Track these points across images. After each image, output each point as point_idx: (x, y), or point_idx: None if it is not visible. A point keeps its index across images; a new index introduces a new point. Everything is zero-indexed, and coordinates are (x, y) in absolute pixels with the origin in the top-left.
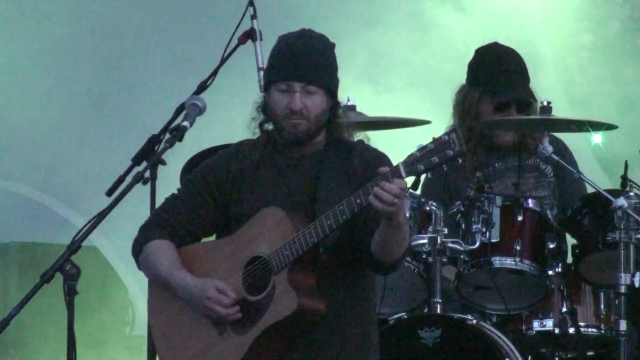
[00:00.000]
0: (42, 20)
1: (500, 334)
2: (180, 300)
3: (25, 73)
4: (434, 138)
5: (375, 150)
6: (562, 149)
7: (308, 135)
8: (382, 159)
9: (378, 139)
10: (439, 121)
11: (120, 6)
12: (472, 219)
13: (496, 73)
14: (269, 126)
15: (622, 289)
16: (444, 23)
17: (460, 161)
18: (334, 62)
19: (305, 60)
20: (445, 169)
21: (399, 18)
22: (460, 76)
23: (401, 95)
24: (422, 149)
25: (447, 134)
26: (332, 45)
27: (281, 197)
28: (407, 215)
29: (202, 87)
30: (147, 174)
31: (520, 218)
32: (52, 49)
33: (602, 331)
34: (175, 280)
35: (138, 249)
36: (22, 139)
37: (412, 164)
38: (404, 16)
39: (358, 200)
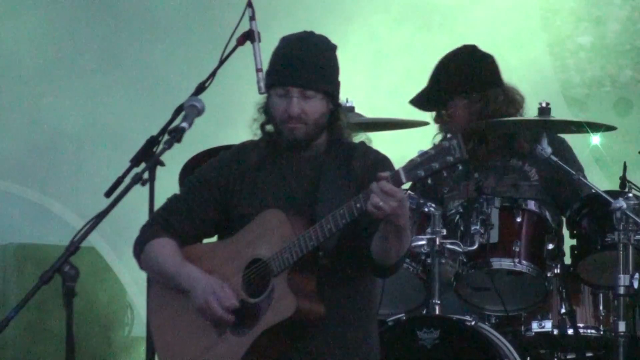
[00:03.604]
0: (40, 21)
1: (499, 335)
2: (181, 298)
3: (24, 74)
4: (435, 144)
5: (376, 153)
6: (560, 148)
7: (307, 139)
8: (384, 161)
9: (376, 140)
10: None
11: (119, 7)
12: (471, 220)
13: None
14: (271, 128)
15: (621, 290)
16: (443, 24)
17: (460, 167)
18: (334, 65)
19: (303, 64)
20: (445, 174)
21: (399, 18)
22: None
23: (399, 96)
24: (422, 154)
25: (448, 140)
26: (333, 47)
27: (282, 198)
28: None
29: (201, 88)
30: (146, 175)
31: (519, 219)
32: (51, 49)
33: (601, 332)
34: (183, 273)
35: (139, 249)
36: (20, 140)
37: (413, 169)
38: (403, 16)
39: (358, 205)
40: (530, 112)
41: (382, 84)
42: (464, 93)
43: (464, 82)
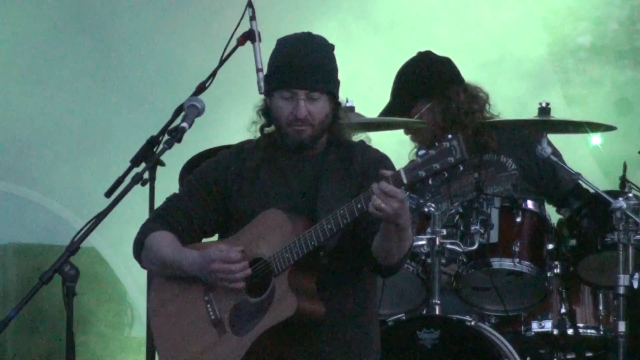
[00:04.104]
0: (40, 21)
1: (499, 335)
2: (181, 298)
3: (24, 74)
4: (435, 144)
5: (376, 152)
6: None
7: (313, 140)
8: (383, 160)
9: (375, 140)
10: None
11: (119, 7)
12: (471, 220)
13: None
14: (270, 129)
15: (621, 290)
16: (441, 25)
17: (461, 168)
18: (334, 65)
19: (307, 66)
20: (446, 175)
21: (398, 18)
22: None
23: None
24: (423, 155)
25: (449, 140)
26: (332, 47)
27: (282, 198)
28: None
29: (201, 88)
30: (146, 175)
31: (518, 219)
32: (52, 49)
33: (601, 332)
34: (183, 259)
35: (139, 247)
36: (20, 140)
37: (414, 170)
38: (402, 16)
39: (359, 205)
40: (530, 112)
41: (382, 83)
42: (425, 97)
43: (424, 86)
